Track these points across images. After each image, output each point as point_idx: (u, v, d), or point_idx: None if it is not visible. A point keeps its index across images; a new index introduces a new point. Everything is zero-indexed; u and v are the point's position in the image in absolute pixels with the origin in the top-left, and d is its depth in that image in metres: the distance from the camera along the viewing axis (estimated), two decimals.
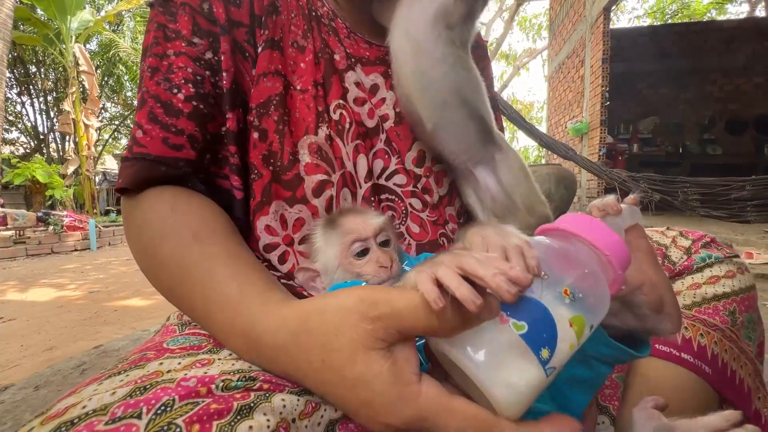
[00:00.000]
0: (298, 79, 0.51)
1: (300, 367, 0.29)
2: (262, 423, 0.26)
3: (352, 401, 0.27)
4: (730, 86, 7.30)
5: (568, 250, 0.27)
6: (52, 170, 6.11)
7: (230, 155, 0.47)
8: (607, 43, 5.38)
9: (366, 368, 0.26)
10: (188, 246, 0.39)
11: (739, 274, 0.49)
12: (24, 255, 4.30)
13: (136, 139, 0.43)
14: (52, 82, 9.93)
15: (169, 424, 0.23)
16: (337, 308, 0.28)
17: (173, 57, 0.45)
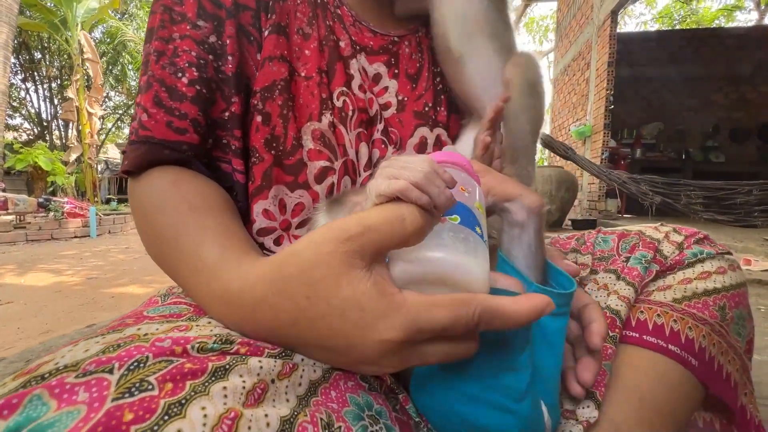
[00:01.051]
0: (302, 66, 0.51)
1: (284, 315, 0.29)
2: (237, 384, 0.25)
3: (345, 331, 0.27)
4: (735, 94, 7.27)
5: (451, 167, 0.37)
6: (54, 157, 6.11)
7: (234, 139, 0.48)
8: (614, 47, 5.36)
9: (352, 289, 0.27)
10: (183, 216, 0.40)
11: (731, 271, 0.49)
12: (24, 240, 4.32)
13: (142, 122, 0.44)
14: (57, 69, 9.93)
15: (141, 381, 0.23)
16: (310, 244, 0.29)
17: (178, 40, 0.45)
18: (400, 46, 0.59)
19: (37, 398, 0.21)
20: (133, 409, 0.21)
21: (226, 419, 0.23)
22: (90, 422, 0.20)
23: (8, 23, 5.24)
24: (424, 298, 0.27)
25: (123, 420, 0.21)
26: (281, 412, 0.26)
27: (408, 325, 0.26)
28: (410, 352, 0.27)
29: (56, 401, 0.21)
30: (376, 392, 0.34)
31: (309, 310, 0.28)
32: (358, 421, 0.29)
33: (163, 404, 0.22)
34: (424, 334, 0.26)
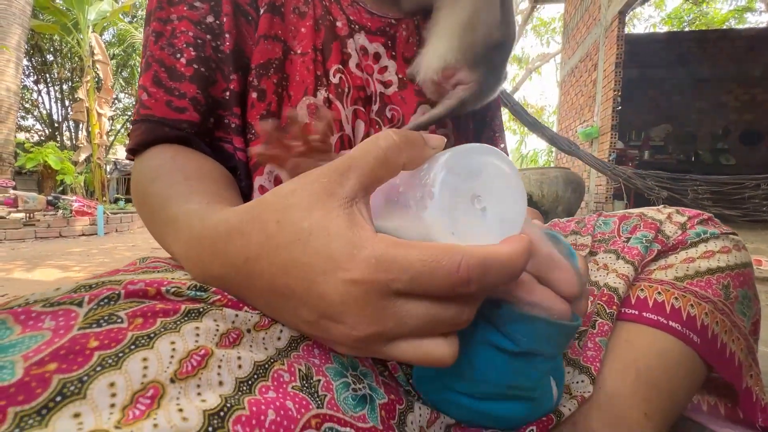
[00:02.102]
0: (298, 44, 0.51)
1: (253, 244, 0.26)
2: (211, 326, 0.24)
3: (307, 262, 0.23)
4: (746, 96, 7.17)
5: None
6: (64, 156, 6.20)
7: (234, 117, 0.48)
8: (621, 48, 5.31)
9: (323, 214, 0.24)
10: (176, 183, 0.40)
11: (735, 251, 0.47)
12: (33, 237, 4.38)
13: (142, 101, 0.45)
14: (69, 71, 10.10)
15: (110, 315, 0.22)
16: (297, 177, 0.27)
17: (176, 21, 0.46)
18: (397, 29, 0.58)
19: (1, 322, 0.21)
20: (99, 338, 0.21)
21: (195, 355, 0.22)
22: (53, 345, 0.20)
23: (21, 25, 5.34)
24: (398, 241, 0.23)
25: (87, 345, 0.20)
26: (256, 357, 0.25)
27: (374, 261, 0.22)
28: (382, 306, 0.22)
29: (20, 326, 0.21)
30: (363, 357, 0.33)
31: (277, 236, 0.25)
32: (340, 378, 0.28)
33: (130, 336, 0.22)
34: (395, 278, 0.22)
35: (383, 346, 0.24)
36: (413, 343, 0.23)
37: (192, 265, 0.32)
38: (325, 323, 0.24)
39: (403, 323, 0.23)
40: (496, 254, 0.22)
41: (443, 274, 0.21)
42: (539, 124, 4.26)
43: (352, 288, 0.22)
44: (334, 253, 0.23)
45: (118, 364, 0.20)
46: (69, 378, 0.19)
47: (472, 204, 0.25)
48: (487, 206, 0.25)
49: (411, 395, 0.35)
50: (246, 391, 0.23)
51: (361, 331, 0.23)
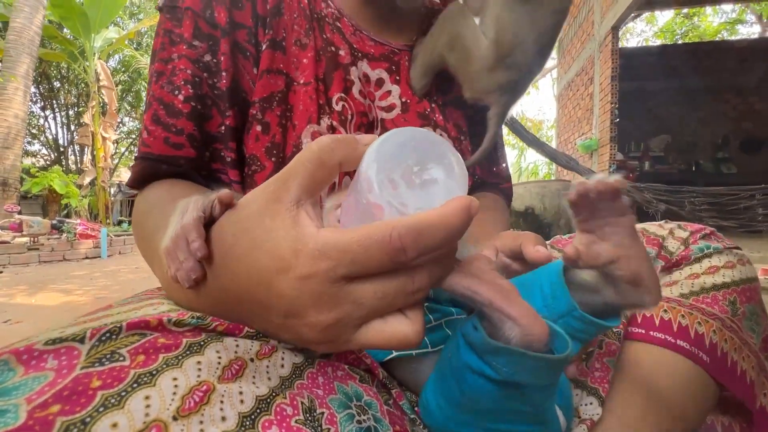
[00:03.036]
0: (300, 75, 0.53)
1: (218, 258, 0.27)
2: (213, 359, 0.25)
3: (263, 267, 0.25)
4: (743, 105, 7.22)
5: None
6: (68, 180, 6.28)
7: (229, 151, 0.50)
8: (616, 61, 5.40)
9: (271, 220, 0.25)
10: (169, 215, 0.40)
11: (740, 265, 0.47)
12: (37, 261, 4.38)
13: (143, 139, 0.47)
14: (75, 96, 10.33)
15: (112, 353, 0.22)
16: (248, 194, 0.28)
17: (176, 60, 0.48)
18: (400, 57, 0.60)
19: (3, 363, 0.21)
20: (102, 377, 0.21)
21: (197, 391, 0.22)
22: (56, 387, 0.20)
23: (30, 54, 5.50)
24: (338, 229, 0.24)
25: (90, 385, 0.20)
26: (258, 391, 0.25)
27: (317, 253, 0.23)
28: (334, 292, 0.23)
29: (23, 367, 0.21)
30: (367, 385, 0.33)
31: (234, 248, 0.26)
32: (344, 409, 0.28)
33: (133, 374, 0.22)
34: (337, 263, 0.22)
35: (351, 334, 0.25)
36: (377, 326, 0.24)
37: (174, 293, 0.33)
38: (292, 322, 0.25)
39: (359, 304, 0.24)
40: (427, 218, 0.22)
41: (377, 248, 0.22)
42: (538, 141, 4.30)
43: (304, 283, 0.23)
44: (284, 254, 0.24)
45: (121, 404, 0.20)
46: (72, 420, 0.19)
47: (411, 178, 0.26)
48: (425, 176, 0.26)
49: (416, 424, 0.34)
50: (249, 426, 0.23)
51: (323, 321, 0.24)
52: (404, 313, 0.25)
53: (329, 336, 0.25)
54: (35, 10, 5.45)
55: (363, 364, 0.35)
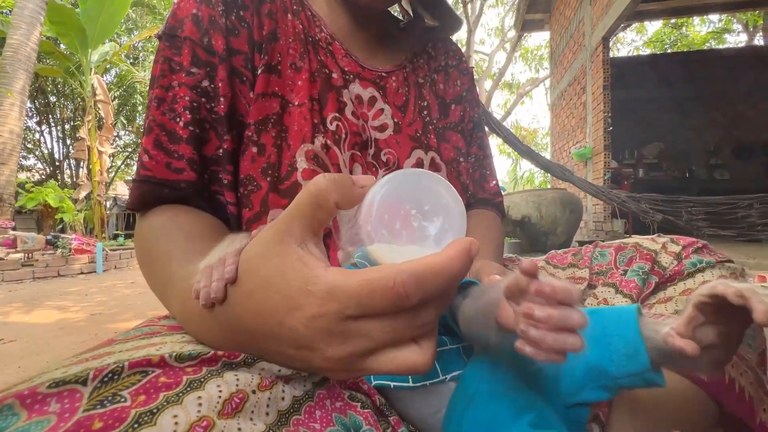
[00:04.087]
0: (295, 96, 0.54)
1: (233, 297, 0.29)
2: (213, 393, 0.25)
3: (273, 305, 0.26)
4: (733, 113, 7.34)
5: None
6: (64, 194, 6.25)
7: (226, 173, 0.51)
8: (608, 71, 5.49)
9: (279, 260, 0.26)
10: (177, 242, 0.43)
11: (733, 279, 0.47)
12: (31, 277, 4.33)
13: (144, 163, 0.49)
14: (71, 111, 10.34)
15: (114, 395, 0.23)
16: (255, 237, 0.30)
17: (177, 88, 0.50)
18: (387, 80, 0.62)
19: (7, 408, 0.21)
20: (103, 418, 0.21)
21: (197, 427, 0.22)
22: (58, 430, 0.20)
23: (26, 70, 5.52)
24: (345, 270, 0.25)
25: (92, 428, 0.21)
26: (255, 428, 0.25)
27: (325, 294, 0.24)
28: (343, 329, 0.25)
29: (27, 411, 0.21)
30: (368, 411, 0.32)
31: (244, 285, 0.28)
32: None
33: (134, 413, 0.22)
34: (344, 305, 0.24)
35: (364, 362, 0.26)
36: (389, 355, 0.26)
37: (186, 323, 0.35)
38: (305, 353, 0.27)
39: (369, 338, 0.25)
40: (429, 263, 0.24)
41: (381, 294, 0.23)
42: (533, 153, 4.35)
43: (314, 320, 0.25)
44: (293, 293, 0.25)
45: None
46: None
47: (411, 224, 0.27)
48: (424, 221, 0.28)
49: None
50: None
51: (335, 353, 0.25)
52: (417, 342, 0.26)
53: (342, 366, 0.26)
54: (32, 27, 5.49)
55: (361, 390, 0.35)
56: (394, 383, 0.36)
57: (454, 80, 0.70)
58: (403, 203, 0.28)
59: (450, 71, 0.70)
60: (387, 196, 0.27)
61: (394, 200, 0.27)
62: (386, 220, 0.27)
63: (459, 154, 0.65)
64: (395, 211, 0.27)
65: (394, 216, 0.27)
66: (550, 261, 0.63)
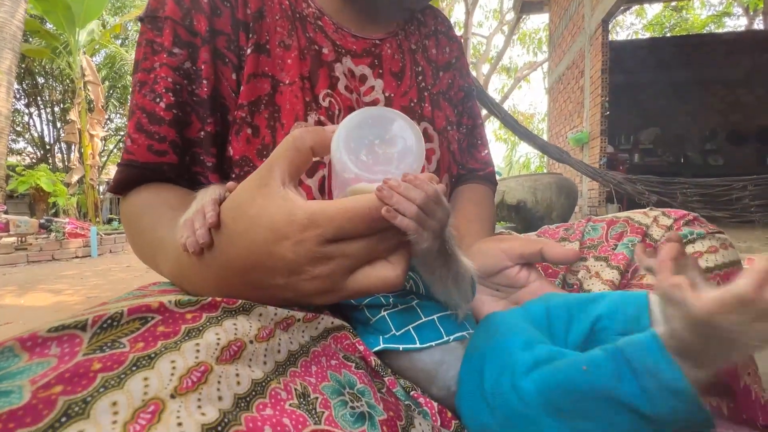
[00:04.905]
0: (286, 75, 0.54)
1: (223, 242, 0.32)
2: (212, 340, 0.25)
3: (262, 239, 0.30)
4: (731, 97, 7.33)
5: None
6: (56, 178, 6.17)
7: (210, 156, 0.51)
8: (606, 54, 5.44)
9: (263, 200, 0.30)
10: (163, 213, 0.44)
11: (722, 249, 0.48)
12: (25, 261, 4.32)
13: (127, 147, 0.49)
14: (60, 93, 10.12)
15: (113, 341, 0.23)
16: (239, 185, 0.34)
17: (158, 69, 0.49)
18: (382, 48, 0.61)
19: (8, 350, 0.22)
20: (102, 361, 0.22)
21: (195, 371, 0.23)
22: (59, 370, 0.21)
23: (12, 49, 5.37)
24: (323, 201, 0.30)
25: (91, 368, 0.21)
26: (254, 375, 0.25)
27: (306, 221, 0.29)
28: (325, 252, 0.29)
29: (28, 354, 0.22)
30: (362, 371, 0.33)
31: (235, 227, 0.31)
32: (337, 396, 0.28)
33: (132, 357, 0.22)
34: (323, 230, 0.29)
35: (345, 281, 0.31)
36: (365, 272, 0.31)
37: (181, 279, 0.37)
38: (294, 279, 0.31)
39: (348, 257, 0.30)
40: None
41: (358, 219, 0.29)
42: (530, 134, 4.33)
43: (299, 246, 0.29)
44: (278, 225, 0.29)
45: (120, 384, 0.21)
46: (74, 399, 0.20)
47: (375, 151, 0.32)
48: (388, 148, 0.33)
49: (411, 410, 0.35)
50: (244, 408, 0.23)
51: (321, 272, 0.30)
52: (388, 260, 0.31)
53: (326, 286, 0.31)
54: (16, 4, 5.31)
55: (357, 351, 0.36)
56: (403, 346, 0.38)
57: (443, 47, 0.70)
58: (367, 134, 0.33)
59: (440, 37, 0.70)
60: (350, 127, 0.32)
61: (357, 132, 0.32)
62: (353, 148, 0.32)
63: (448, 123, 0.65)
64: (360, 140, 0.32)
65: (360, 145, 0.32)
66: (541, 236, 0.63)
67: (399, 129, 0.33)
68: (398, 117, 0.34)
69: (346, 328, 0.38)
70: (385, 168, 0.32)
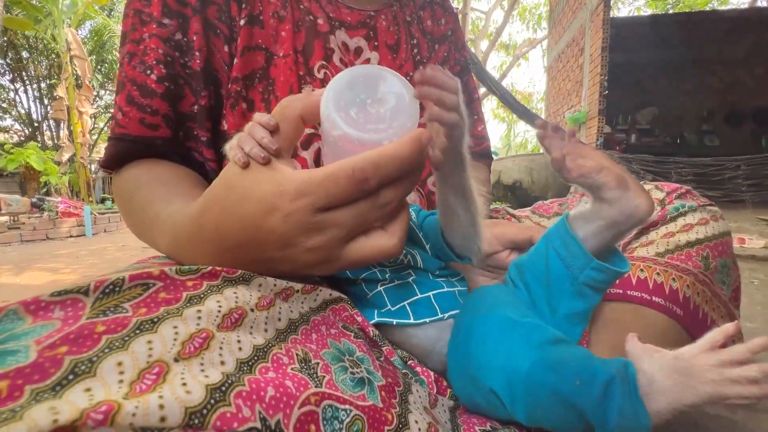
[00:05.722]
0: (280, 47, 0.52)
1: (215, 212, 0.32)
2: (213, 308, 0.26)
3: (253, 211, 0.30)
4: (730, 77, 7.26)
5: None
6: (46, 156, 6.05)
7: (204, 130, 0.50)
8: (607, 32, 5.33)
9: (254, 173, 0.31)
10: (157, 189, 0.44)
11: (713, 221, 0.49)
12: (18, 240, 4.29)
13: (117, 120, 0.47)
14: (45, 68, 9.80)
15: (116, 306, 0.24)
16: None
17: (147, 40, 0.47)
18: (377, 19, 0.60)
19: (12, 313, 0.22)
20: (106, 323, 0.22)
21: (197, 337, 0.23)
22: (63, 332, 0.21)
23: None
24: (310, 169, 0.30)
25: (95, 330, 0.22)
26: (255, 341, 0.26)
27: (294, 191, 0.28)
28: (318, 221, 0.29)
29: (31, 317, 0.22)
30: (361, 340, 0.34)
31: (227, 200, 0.31)
32: (338, 362, 0.29)
33: (135, 321, 0.23)
34: (314, 198, 0.28)
35: (341, 252, 0.31)
36: (361, 242, 0.31)
37: (178, 253, 0.37)
38: (288, 252, 0.31)
39: (341, 226, 0.30)
40: (382, 151, 0.29)
41: (345, 181, 0.28)
42: (529, 112, 4.30)
43: (290, 217, 0.29)
44: (267, 197, 0.29)
45: (125, 346, 0.21)
46: (80, 358, 0.20)
47: (367, 110, 0.31)
48: (380, 107, 0.32)
49: (408, 377, 0.36)
50: (246, 371, 0.24)
51: (315, 244, 0.30)
52: (384, 228, 0.31)
53: (322, 257, 0.30)
54: None
55: (355, 322, 0.37)
56: (396, 320, 0.39)
57: (439, 18, 0.68)
58: (359, 93, 0.31)
59: (435, 8, 0.68)
60: (339, 85, 0.31)
61: (348, 90, 0.31)
62: (342, 105, 0.31)
63: None
64: (351, 99, 0.31)
65: (350, 103, 0.31)
66: (536, 211, 0.64)
67: (391, 87, 0.32)
68: (390, 75, 0.33)
69: (344, 300, 0.39)
70: (376, 126, 0.31)
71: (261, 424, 0.21)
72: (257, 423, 0.21)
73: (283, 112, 0.31)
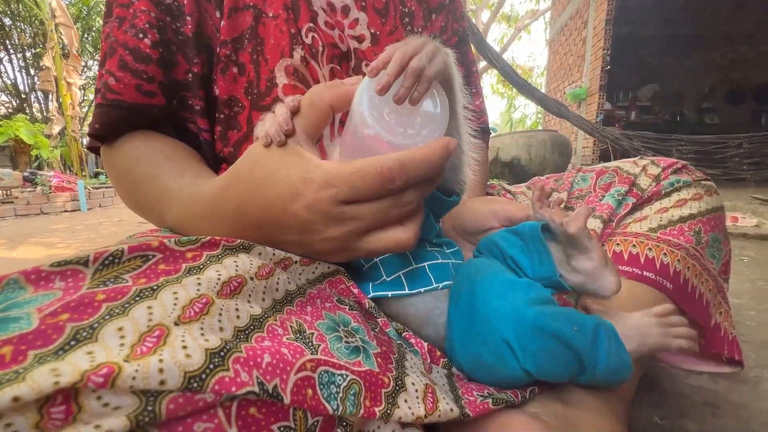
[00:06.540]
0: (269, 6, 0.50)
1: (239, 191, 0.33)
2: (212, 276, 0.26)
3: (278, 193, 0.31)
4: (734, 54, 7.12)
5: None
6: (36, 129, 5.92)
7: (198, 99, 0.49)
8: (612, 3, 5.17)
9: (281, 155, 0.31)
10: (160, 163, 0.43)
11: (707, 196, 0.49)
12: (13, 215, 4.26)
13: (109, 86, 0.45)
14: (30, 36, 9.42)
15: (116, 277, 0.24)
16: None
17: (136, 3, 0.45)
18: None
19: (13, 282, 0.22)
20: (106, 292, 0.22)
21: (197, 303, 0.24)
22: (64, 300, 0.21)
23: None
24: (339, 161, 0.30)
25: (96, 299, 0.22)
26: (252, 311, 0.26)
27: (321, 181, 0.29)
28: (339, 212, 0.30)
29: (33, 286, 0.22)
30: (356, 312, 0.35)
31: (252, 180, 0.32)
32: (332, 332, 0.30)
33: (135, 289, 0.23)
34: (338, 191, 0.29)
35: (357, 242, 0.31)
36: (378, 234, 0.31)
37: (190, 226, 0.37)
38: (306, 237, 0.32)
39: (361, 220, 0.30)
40: (410, 154, 0.29)
41: (372, 179, 0.29)
42: (529, 86, 4.21)
43: (314, 205, 0.30)
44: (295, 182, 0.30)
45: (125, 312, 0.22)
46: (81, 325, 0.20)
47: (398, 111, 0.31)
48: (412, 109, 0.31)
49: (402, 348, 0.37)
50: (243, 339, 0.24)
51: (332, 234, 0.31)
52: (402, 224, 0.31)
53: (338, 246, 0.31)
54: None
55: (351, 294, 0.38)
56: (392, 292, 0.39)
57: None
58: (393, 92, 0.30)
59: None
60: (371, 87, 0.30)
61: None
62: (377, 104, 0.30)
63: None
64: (386, 98, 0.30)
65: (384, 101, 0.30)
66: (531, 187, 0.64)
67: (428, 93, 0.32)
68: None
69: (341, 272, 0.39)
70: (405, 131, 0.31)
71: (259, 389, 0.22)
72: (255, 387, 0.22)
73: (311, 98, 0.32)
